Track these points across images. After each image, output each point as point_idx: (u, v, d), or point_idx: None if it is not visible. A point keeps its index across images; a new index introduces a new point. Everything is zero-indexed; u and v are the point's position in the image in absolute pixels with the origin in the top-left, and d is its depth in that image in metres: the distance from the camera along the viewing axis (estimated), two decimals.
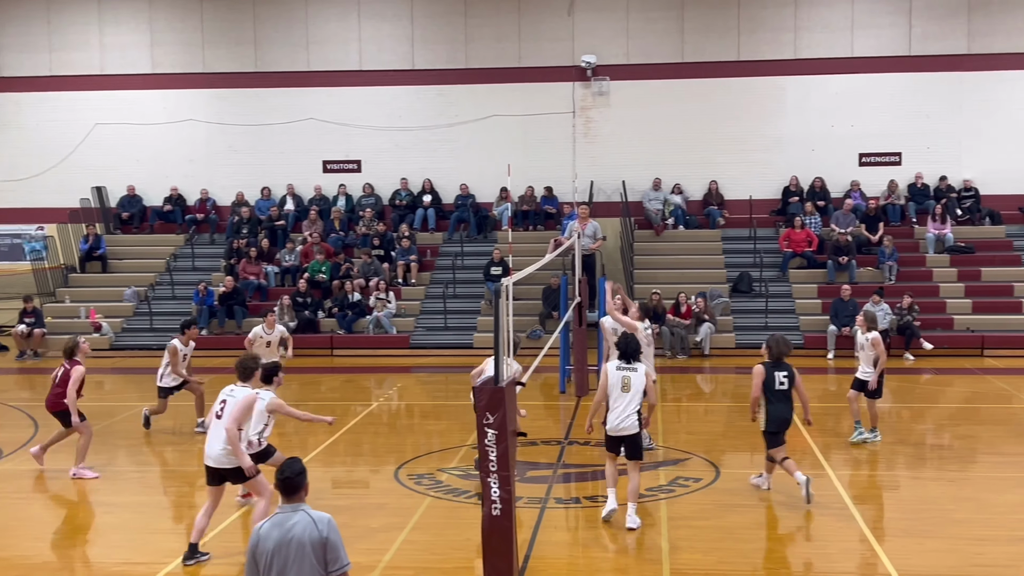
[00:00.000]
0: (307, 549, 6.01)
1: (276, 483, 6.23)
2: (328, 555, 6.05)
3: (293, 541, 6.01)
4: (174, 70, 29.55)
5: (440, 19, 28.90)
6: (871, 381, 14.45)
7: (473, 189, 28.58)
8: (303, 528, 6.04)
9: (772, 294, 25.23)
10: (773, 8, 28.00)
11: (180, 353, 15.83)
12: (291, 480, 6.19)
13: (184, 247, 28.79)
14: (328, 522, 6.11)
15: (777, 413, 11.87)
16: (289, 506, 6.16)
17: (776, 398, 11.87)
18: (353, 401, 19.07)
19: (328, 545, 6.06)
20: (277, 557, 6.01)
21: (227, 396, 10.06)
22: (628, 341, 11.12)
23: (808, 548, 10.26)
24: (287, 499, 6.19)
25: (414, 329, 25.54)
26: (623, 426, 10.83)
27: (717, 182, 28.11)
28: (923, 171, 27.68)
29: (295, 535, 6.02)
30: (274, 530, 6.08)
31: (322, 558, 6.04)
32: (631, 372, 10.89)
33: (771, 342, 12.20)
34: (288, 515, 6.11)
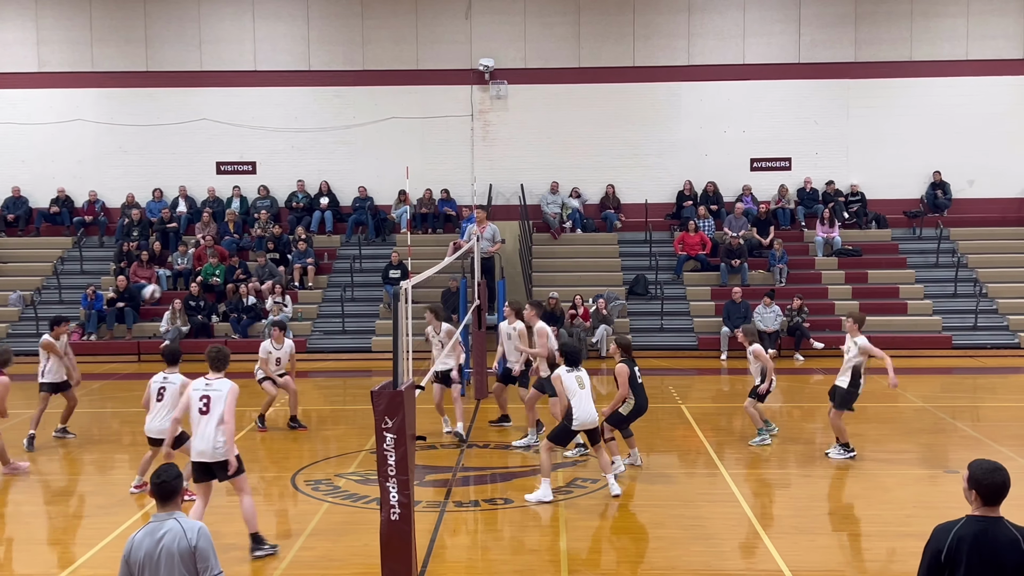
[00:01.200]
0: (176, 559, 5.89)
1: (151, 488, 6.09)
2: (199, 564, 5.94)
3: (163, 551, 5.89)
4: (61, 68, 28.75)
5: (337, 20, 28.67)
6: (761, 388, 14.83)
7: (371, 191, 28.40)
8: (172, 537, 5.92)
9: (667, 296, 25.61)
10: (667, 15, 28.45)
11: (57, 346, 15.37)
12: (167, 484, 6.06)
13: (72, 250, 28.01)
14: (199, 530, 5.99)
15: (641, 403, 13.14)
16: (163, 514, 6.04)
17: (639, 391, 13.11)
18: (248, 407, 18.73)
19: (198, 554, 5.93)
20: (148, 567, 5.89)
21: (207, 391, 10.04)
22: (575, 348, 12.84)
23: (703, 546, 10.42)
24: (162, 506, 6.06)
25: (311, 333, 25.26)
26: (593, 419, 12.14)
27: (614, 186, 28.45)
28: (812, 176, 28.41)
29: (164, 544, 5.90)
30: (146, 539, 5.95)
31: (192, 567, 5.94)
32: (580, 372, 12.34)
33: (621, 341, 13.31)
34: (160, 524, 5.99)
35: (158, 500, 6.08)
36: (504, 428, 16.03)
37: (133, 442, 16.02)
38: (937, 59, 28.17)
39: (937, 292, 25.85)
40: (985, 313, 25.12)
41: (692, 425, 16.24)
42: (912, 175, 28.46)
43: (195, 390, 10.13)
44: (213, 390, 10.04)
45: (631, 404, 12.92)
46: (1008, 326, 24.75)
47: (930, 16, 28.19)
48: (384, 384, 9.04)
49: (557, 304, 24.09)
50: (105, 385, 20.67)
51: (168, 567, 5.89)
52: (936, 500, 11.87)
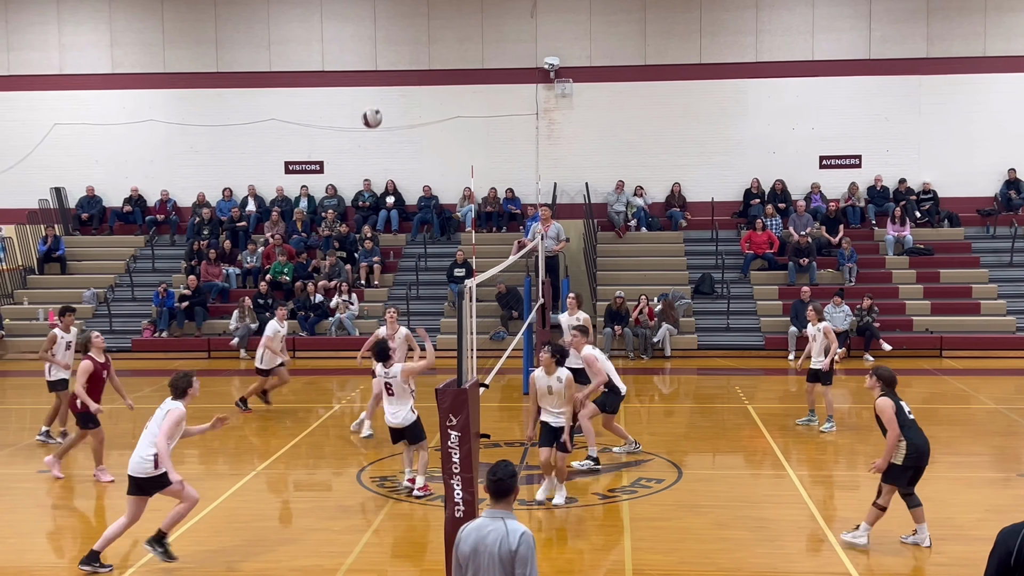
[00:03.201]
0: (496, 560, 5.88)
1: (487, 485, 6.10)
2: (516, 568, 5.89)
3: (485, 550, 5.90)
4: (134, 70, 29.30)
5: (403, 20, 28.85)
6: (824, 365, 15.40)
7: (436, 190, 28.54)
8: (495, 538, 5.90)
9: (734, 296, 25.38)
10: (734, 11, 28.19)
11: (61, 340, 15.18)
12: (503, 483, 6.07)
13: (144, 248, 28.54)
14: (522, 535, 5.93)
15: (918, 441, 10.25)
16: (495, 511, 6.03)
17: (913, 429, 10.31)
18: (315, 403, 18.98)
19: (517, 558, 5.88)
20: (471, 561, 5.93)
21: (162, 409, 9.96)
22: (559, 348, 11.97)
23: (768, 548, 10.32)
24: (496, 503, 6.06)
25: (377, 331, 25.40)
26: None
27: (679, 184, 28.25)
28: (882, 173, 27.97)
29: (487, 543, 5.90)
30: (473, 533, 5.98)
31: (510, 571, 5.90)
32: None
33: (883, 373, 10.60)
34: (488, 521, 5.99)
35: (493, 497, 6.08)
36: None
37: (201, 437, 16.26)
38: (1011, 54, 27.56)
39: (1011, 292, 25.30)
40: None
41: (759, 425, 16.08)
42: (985, 173, 27.87)
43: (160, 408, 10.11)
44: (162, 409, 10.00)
45: (902, 448, 10.13)
46: None
47: (1004, 11, 27.58)
48: (448, 382, 9.08)
49: (623, 303, 24.00)
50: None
51: (488, 566, 5.89)
52: (1008, 504, 11.62)
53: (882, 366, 10.64)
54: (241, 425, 17.35)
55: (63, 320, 15.39)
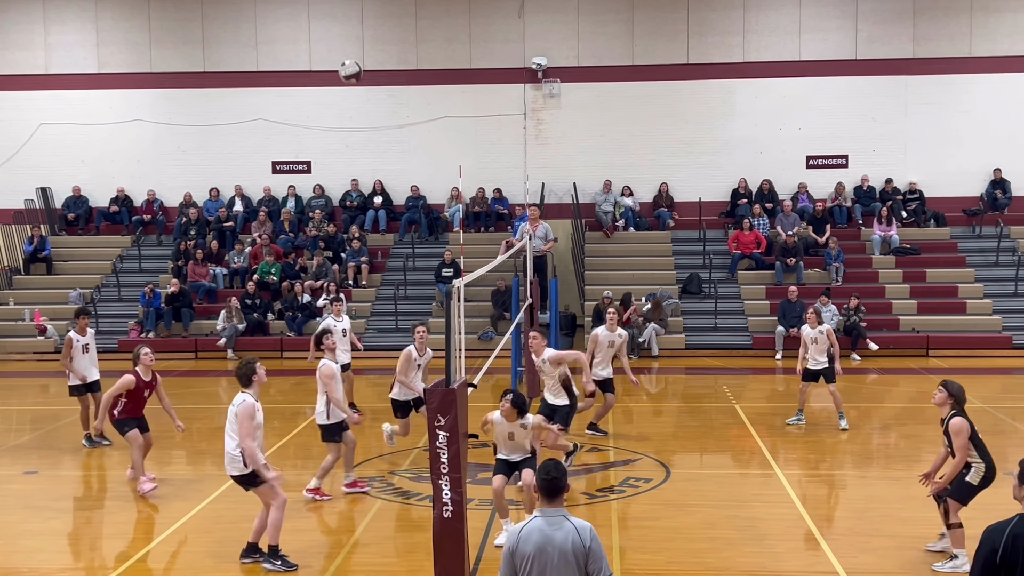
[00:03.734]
0: (569, 556, 5.87)
1: (540, 484, 6.06)
2: (591, 564, 5.91)
3: (556, 547, 5.87)
4: (120, 70, 29.20)
5: (390, 20, 28.82)
6: (837, 368, 15.77)
7: (424, 190, 28.53)
8: (565, 535, 5.90)
9: (721, 295, 25.44)
10: (721, 11, 28.25)
11: (77, 344, 15.25)
12: (557, 482, 6.04)
13: (131, 248, 28.44)
14: (591, 531, 5.97)
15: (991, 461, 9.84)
16: (551, 510, 6.01)
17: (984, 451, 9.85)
18: (303, 404, 18.93)
19: (591, 554, 5.91)
20: (537, 561, 5.88)
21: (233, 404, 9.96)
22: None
23: (757, 547, 10.34)
24: (549, 502, 6.04)
25: (365, 331, 25.41)
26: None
27: (667, 184, 28.30)
28: (869, 173, 28.06)
29: (558, 541, 5.88)
30: (534, 533, 5.93)
31: (583, 566, 5.90)
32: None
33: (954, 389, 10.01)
34: (550, 519, 5.97)
35: (545, 496, 6.04)
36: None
37: (189, 438, 16.24)
38: (997, 55, 27.68)
39: (997, 291, 25.42)
40: None
41: (747, 425, 16.12)
42: (972, 173, 27.99)
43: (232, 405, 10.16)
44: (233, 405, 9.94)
45: (980, 468, 9.68)
46: None
47: (990, 11, 27.70)
48: (437, 382, 9.08)
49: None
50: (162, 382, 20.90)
51: (560, 564, 5.87)
52: (995, 503, 11.61)
53: (952, 381, 10.02)
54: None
55: (78, 323, 15.45)
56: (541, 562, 5.87)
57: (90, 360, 15.38)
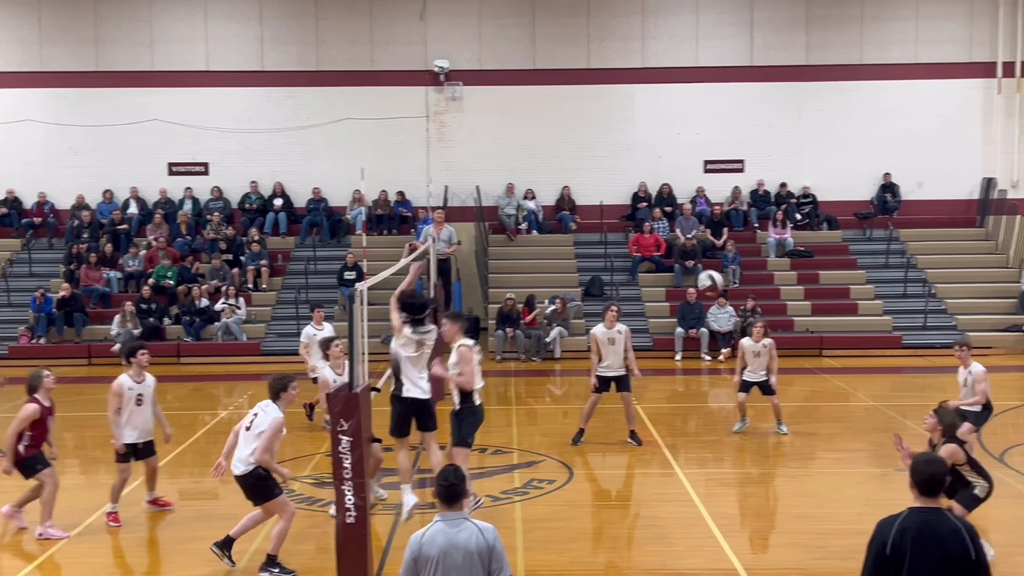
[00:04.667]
0: (474, 557, 5.94)
1: (438, 490, 6.09)
2: (493, 564, 6.00)
3: (460, 549, 5.93)
4: (9, 68, 28.30)
5: (290, 20, 28.49)
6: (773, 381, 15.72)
7: (326, 193, 28.25)
8: (470, 536, 5.97)
9: (623, 297, 25.66)
10: (621, 17, 28.56)
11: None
12: (456, 487, 6.07)
13: (21, 252, 27.58)
14: (494, 531, 6.07)
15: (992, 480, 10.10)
16: (451, 514, 6.05)
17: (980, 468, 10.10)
18: (201, 410, 18.60)
19: (494, 554, 6.00)
20: (441, 564, 5.92)
21: (259, 410, 9.95)
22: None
23: (658, 546, 10.48)
24: (449, 506, 6.07)
25: (265, 335, 25.08)
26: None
27: (569, 188, 28.51)
28: (764, 178, 28.66)
29: (463, 542, 5.95)
30: (439, 536, 5.97)
31: (487, 566, 5.99)
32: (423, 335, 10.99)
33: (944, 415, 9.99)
34: (451, 523, 6.02)
35: (445, 501, 6.07)
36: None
37: (81, 445, 15.83)
38: (887, 62, 28.52)
39: (887, 292, 26.17)
40: (934, 313, 25.47)
41: (647, 425, 16.31)
42: (863, 177, 28.78)
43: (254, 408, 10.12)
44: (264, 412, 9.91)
45: (985, 487, 9.90)
46: (956, 326, 25.08)
47: (880, 20, 28.54)
48: (339, 386, 9.00)
49: (514, 305, 24.12)
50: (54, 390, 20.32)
51: (466, 566, 5.93)
52: (887, 498, 11.99)
53: (946, 410, 10.00)
54: None
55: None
56: (446, 564, 5.95)
57: None
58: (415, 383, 10.87)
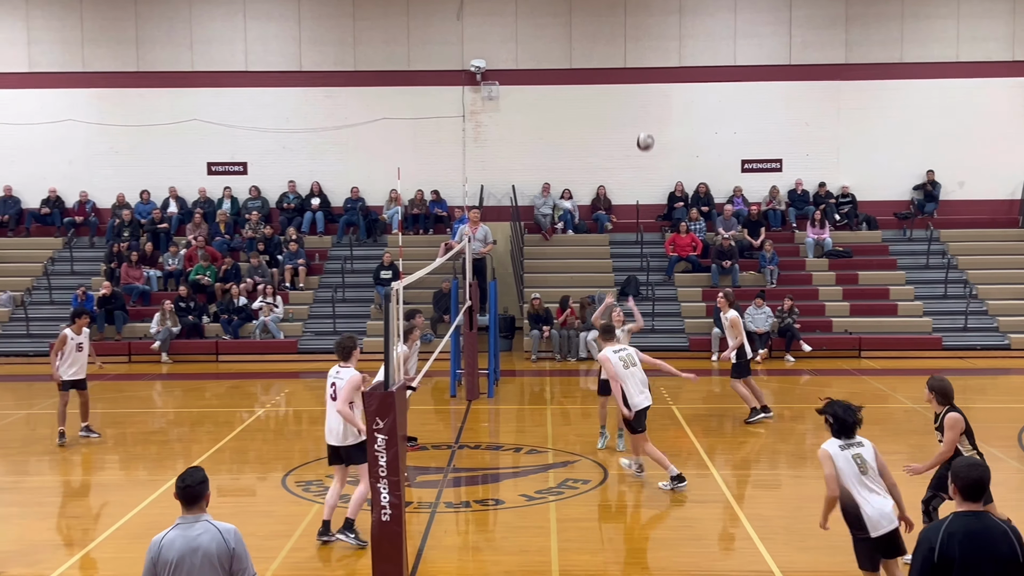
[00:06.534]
0: (214, 559, 5.93)
1: (176, 492, 6.11)
2: (235, 565, 6.01)
3: (199, 551, 5.92)
4: (52, 69, 28.66)
5: (328, 21, 28.64)
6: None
7: (363, 192, 28.38)
8: (210, 539, 5.96)
9: (658, 297, 25.63)
10: (659, 16, 28.48)
11: (71, 342, 15.30)
12: (192, 488, 6.11)
13: (62, 250, 27.93)
14: (235, 533, 6.06)
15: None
16: (190, 516, 6.07)
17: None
18: (239, 408, 18.75)
19: (235, 556, 6.00)
20: (180, 568, 5.91)
21: (335, 379, 10.33)
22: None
23: (693, 548, 10.44)
24: (187, 509, 6.10)
25: (302, 334, 25.24)
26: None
27: (605, 187, 28.46)
28: (803, 177, 28.47)
29: (201, 545, 5.93)
30: (178, 539, 5.97)
31: (227, 569, 5.99)
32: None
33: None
34: (191, 525, 6.02)
35: (184, 503, 6.10)
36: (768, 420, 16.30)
37: (122, 442, 16.01)
38: (928, 61, 28.24)
39: (927, 293, 25.91)
40: (975, 314, 25.18)
41: (683, 426, 16.25)
42: (903, 176, 28.52)
43: (329, 377, 10.48)
44: (339, 378, 10.32)
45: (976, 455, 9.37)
46: (998, 327, 24.81)
47: (920, 18, 28.27)
48: (375, 385, 9.04)
49: (540, 304, 24.12)
50: (95, 386, 20.58)
51: (203, 567, 5.91)
52: None
53: (936, 376, 9.75)
54: (164, 429, 17.10)
55: (77, 322, 15.44)
56: (185, 568, 5.92)
57: (79, 359, 15.43)
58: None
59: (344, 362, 10.43)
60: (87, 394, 15.60)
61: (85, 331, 15.56)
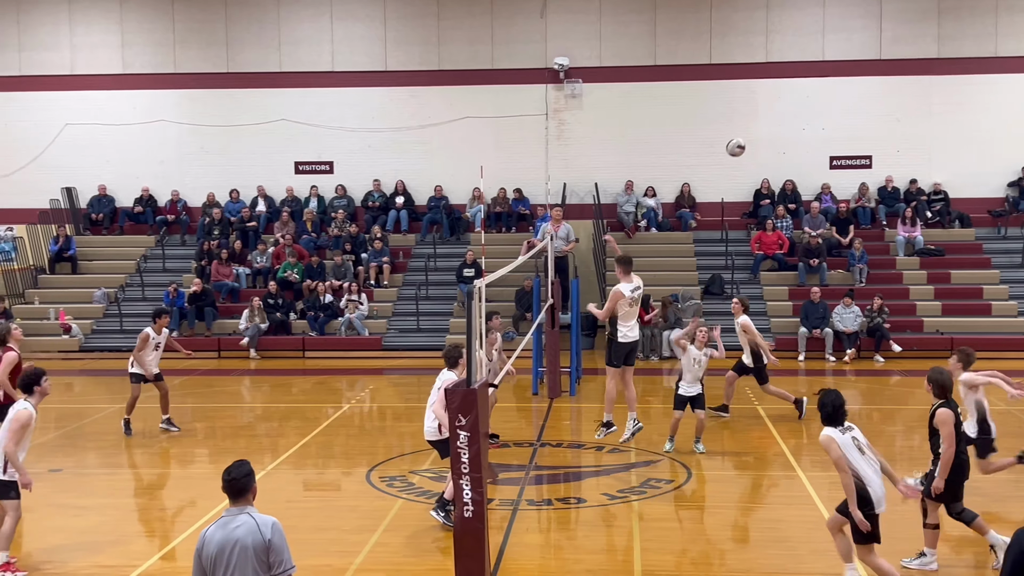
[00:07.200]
0: (249, 552, 6.01)
1: (222, 485, 6.22)
2: (272, 558, 6.07)
3: (236, 544, 6.01)
4: (145, 70, 29.35)
5: (413, 21, 28.86)
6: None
7: (446, 191, 28.55)
8: (246, 531, 6.04)
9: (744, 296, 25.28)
10: (745, 11, 28.14)
11: (152, 341, 15.81)
12: (237, 482, 6.20)
13: (155, 248, 28.60)
14: (272, 525, 6.12)
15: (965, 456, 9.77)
16: (235, 509, 6.17)
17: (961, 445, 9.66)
18: (325, 403, 19.00)
19: (272, 548, 6.06)
20: (220, 560, 6.01)
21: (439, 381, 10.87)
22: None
23: (779, 549, 10.30)
24: (233, 502, 6.19)
25: (386, 331, 25.49)
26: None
27: (689, 184, 28.22)
28: (893, 174, 27.89)
29: (238, 538, 6.02)
30: (218, 533, 6.08)
31: (265, 561, 6.05)
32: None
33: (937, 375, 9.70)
34: (232, 518, 6.12)
35: (230, 496, 6.21)
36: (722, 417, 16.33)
37: (212, 436, 16.34)
38: (1023, 55, 27.45)
39: (1022, 293, 25.20)
40: None
41: (768, 427, 16.05)
42: (997, 173, 27.77)
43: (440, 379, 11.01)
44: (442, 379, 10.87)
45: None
46: None
47: (1016, 11, 27.48)
48: (458, 382, 9.08)
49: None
50: (186, 381, 21.07)
51: (241, 561, 6.00)
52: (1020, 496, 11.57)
53: (936, 367, 9.78)
54: (252, 424, 17.41)
55: (158, 322, 15.95)
56: (224, 559, 5.99)
57: (157, 357, 15.98)
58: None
59: (451, 369, 10.98)
60: (165, 386, 16.04)
61: (164, 331, 16.03)
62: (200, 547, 6.08)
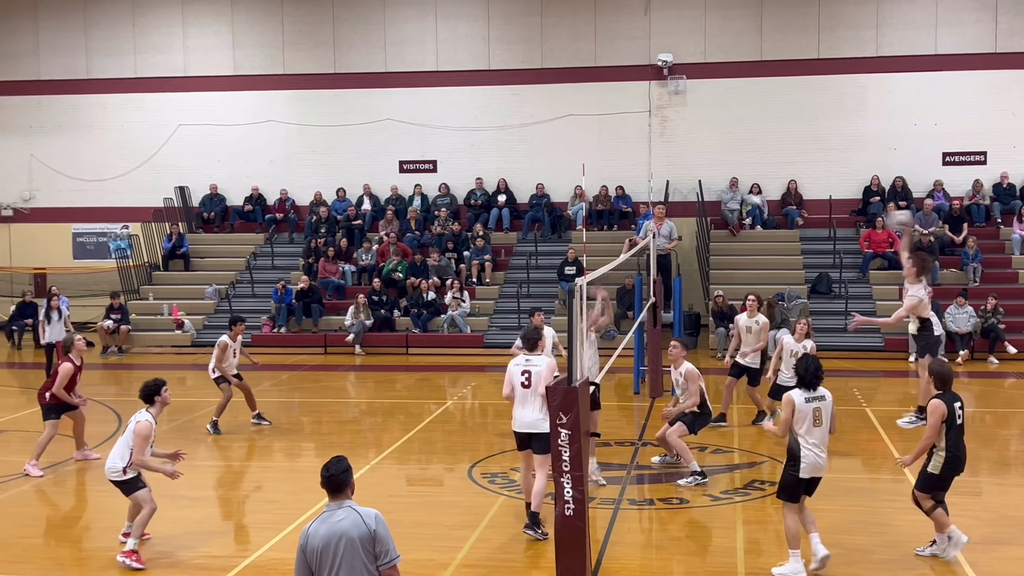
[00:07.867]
0: (356, 544, 6.09)
1: (321, 481, 6.32)
2: (378, 548, 6.15)
3: (343, 537, 6.10)
4: (255, 72, 30.04)
5: (516, 19, 28.95)
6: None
7: (548, 189, 28.58)
8: (351, 523, 6.13)
9: (852, 295, 24.81)
10: (854, 5, 27.56)
11: (229, 348, 16.20)
12: (336, 478, 6.29)
13: (264, 246, 29.23)
14: (376, 516, 6.21)
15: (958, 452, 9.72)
16: (335, 503, 6.26)
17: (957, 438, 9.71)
18: (427, 399, 19.20)
19: (377, 538, 6.14)
20: (326, 553, 6.10)
21: (528, 367, 10.61)
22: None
23: (888, 554, 10.07)
24: (333, 497, 6.29)
25: (488, 328, 25.63)
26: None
27: (796, 181, 27.74)
28: (1009, 171, 27.03)
29: (344, 530, 6.11)
30: (322, 527, 6.17)
31: (371, 553, 6.13)
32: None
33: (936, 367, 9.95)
34: (334, 512, 6.22)
35: (329, 492, 6.30)
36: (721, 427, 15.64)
37: (318, 431, 16.64)
38: None
39: None
40: None
41: (877, 429, 15.70)
42: None
43: (516, 365, 10.76)
44: (533, 366, 10.57)
45: (941, 458, 9.67)
46: None
47: None
48: (559, 380, 9.09)
49: (724, 302, 23.69)
50: (293, 376, 21.50)
51: (348, 552, 6.09)
52: None
53: (938, 360, 10.16)
54: (357, 419, 17.68)
55: (234, 329, 16.41)
56: (331, 552, 6.03)
57: (236, 361, 16.39)
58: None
59: (532, 352, 10.72)
60: (246, 384, 16.35)
61: (240, 338, 16.44)
62: (304, 543, 6.18)
